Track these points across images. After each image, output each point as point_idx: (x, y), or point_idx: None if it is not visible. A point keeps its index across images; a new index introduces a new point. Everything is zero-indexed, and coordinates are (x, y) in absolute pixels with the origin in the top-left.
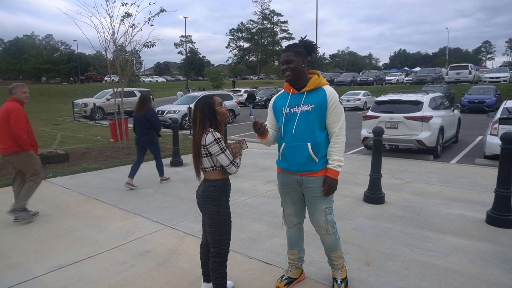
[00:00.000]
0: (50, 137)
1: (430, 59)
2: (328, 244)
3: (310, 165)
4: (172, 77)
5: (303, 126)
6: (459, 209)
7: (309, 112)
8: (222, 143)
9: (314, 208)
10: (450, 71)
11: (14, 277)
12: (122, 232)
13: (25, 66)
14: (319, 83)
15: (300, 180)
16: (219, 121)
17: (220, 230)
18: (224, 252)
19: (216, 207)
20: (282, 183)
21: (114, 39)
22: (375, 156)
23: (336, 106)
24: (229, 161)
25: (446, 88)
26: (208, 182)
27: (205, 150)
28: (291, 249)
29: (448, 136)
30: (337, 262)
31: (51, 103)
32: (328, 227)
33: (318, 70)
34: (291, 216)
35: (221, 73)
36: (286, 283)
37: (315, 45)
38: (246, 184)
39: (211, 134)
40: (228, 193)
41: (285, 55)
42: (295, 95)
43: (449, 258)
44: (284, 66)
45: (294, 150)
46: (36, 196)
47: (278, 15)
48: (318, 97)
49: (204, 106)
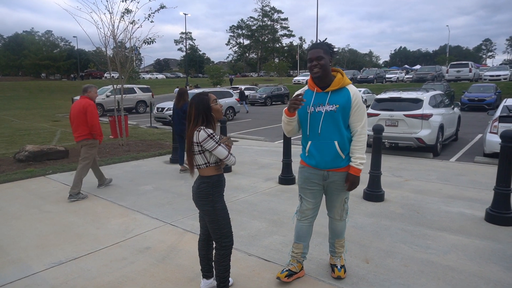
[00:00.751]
0: (50, 133)
1: (431, 57)
2: (337, 229)
3: (338, 161)
4: (172, 74)
5: (329, 125)
6: (458, 207)
7: (333, 112)
8: (216, 137)
9: (335, 198)
10: (450, 69)
11: (14, 273)
12: (121, 228)
13: (24, 62)
14: (343, 83)
15: (326, 175)
16: (213, 117)
17: (219, 225)
18: (228, 244)
19: (211, 203)
20: (305, 177)
21: (114, 36)
22: (374, 154)
23: (360, 106)
24: (227, 152)
25: (446, 86)
26: (202, 179)
27: (198, 147)
28: (297, 243)
29: (448, 134)
30: (339, 250)
31: (50, 100)
32: (343, 214)
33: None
34: (308, 210)
35: (221, 70)
36: (286, 274)
37: (334, 48)
38: (245, 182)
39: (203, 131)
40: (222, 188)
41: (314, 51)
42: (320, 94)
43: (448, 255)
44: (313, 62)
45: (322, 148)
46: (35, 192)
47: (278, 12)
48: (343, 97)
49: (199, 103)
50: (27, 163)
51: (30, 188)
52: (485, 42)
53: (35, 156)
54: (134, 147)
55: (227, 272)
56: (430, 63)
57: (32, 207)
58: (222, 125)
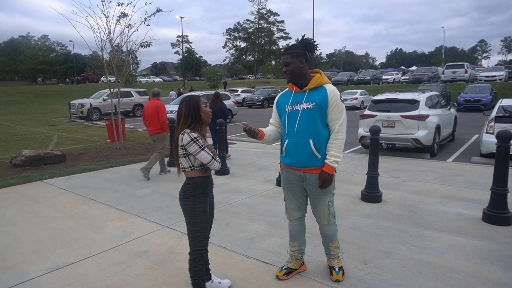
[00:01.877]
0: (46, 138)
1: (426, 58)
2: (328, 234)
3: (313, 161)
4: (169, 77)
5: (305, 123)
6: (456, 207)
7: (310, 109)
8: (200, 142)
9: (318, 203)
10: (446, 70)
11: (11, 279)
12: (119, 232)
13: (20, 67)
14: (320, 82)
15: (302, 176)
16: (202, 119)
17: (195, 227)
18: (200, 249)
19: (191, 203)
20: (285, 178)
21: (110, 39)
22: (372, 155)
23: (337, 104)
24: (210, 157)
25: (442, 87)
26: (186, 180)
27: (182, 151)
28: (292, 241)
29: (444, 134)
30: (334, 252)
31: (47, 104)
32: (330, 218)
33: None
34: (293, 210)
35: (218, 73)
36: (285, 272)
37: (314, 43)
38: (243, 184)
39: (187, 135)
40: (205, 190)
41: (282, 58)
42: (298, 93)
43: (445, 256)
44: (284, 68)
45: (297, 146)
46: (32, 197)
47: (274, 15)
48: (319, 95)
49: (189, 102)
50: (23, 168)
51: (27, 193)
52: (480, 43)
53: (31, 161)
54: (132, 151)
55: (201, 278)
56: (426, 64)
57: (29, 212)
58: (220, 128)
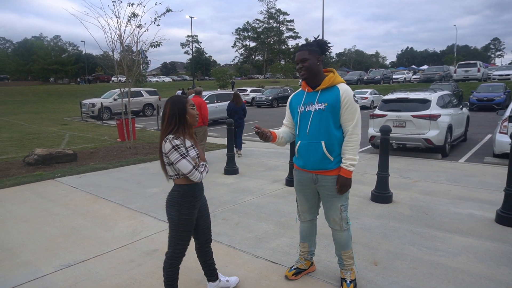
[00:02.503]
0: (58, 137)
1: (438, 57)
2: (341, 241)
3: (325, 163)
4: (179, 77)
5: (317, 125)
6: (468, 208)
7: (322, 110)
8: (182, 149)
9: (330, 206)
10: (458, 69)
11: (24, 275)
12: (129, 231)
13: (33, 67)
14: (333, 81)
15: (315, 178)
16: (187, 121)
17: (177, 235)
18: (178, 256)
19: (177, 212)
20: (297, 180)
21: (121, 40)
22: (382, 155)
23: (350, 105)
24: (191, 167)
25: (454, 86)
26: (174, 186)
27: (166, 159)
28: (302, 242)
29: (456, 134)
30: (347, 262)
31: (59, 104)
32: (342, 223)
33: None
34: (305, 212)
35: (227, 72)
36: (294, 272)
37: (328, 44)
38: (252, 184)
39: (168, 142)
40: (193, 199)
41: (299, 54)
42: (310, 94)
43: (457, 257)
44: (299, 65)
45: (309, 148)
46: (44, 195)
47: (284, 14)
48: (332, 95)
49: (174, 103)
50: (36, 167)
51: (39, 191)
52: (493, 41)
53: (44, 160)
54: (142, 150)
55: (172, 281)
56: (438, 63)
57: (41, 210)
58: (229, 127)
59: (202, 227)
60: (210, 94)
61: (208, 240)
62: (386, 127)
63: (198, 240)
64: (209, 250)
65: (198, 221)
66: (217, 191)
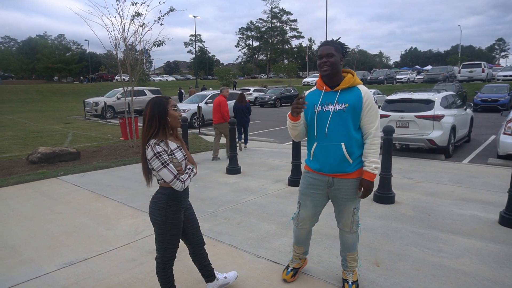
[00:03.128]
0: (61, 135)
1: (442, 57)
2: (348, 242)
3: (344, 166)
4: (182, 76)
5: (337, 126)
6: (471, 210)
7: (342, 111)
8: (164, 157)
9: (343, 209)
10: (462, 69)
11: (26, 273)
12: (131, 230)
13: (37, 65)
14: (354, 82)
15: (331, 181)
16: (169, 123)
17: (165, 238)
18: (169, 259)
19: (162, 217)
20: (308, 183)
21: (124, 39)
22: (385, 156)
23: (372, 107)
24: (173, 176)
25: (458, 87)
26: (159, 188)
27: (150, 165)
28: (297, 246)
29: (460, 135)
30: (351, 264)
31: (63, 102)
32: (353, 225)
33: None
34: (306, 220)
35: (230, 72)
36: (292, 274)
37: (347, 48)
38: (255, 183)
39: (150, 149)
40: (179, 202)
41: (325, 48)
42: (328, 93)
43: (460, 259)
44: (323, 60)
45: (327, 150)
46: (47, 193)
47: (287, 14)
48: (353, 96)
49: (155, 104)
50: (39, 165)
51: (42, 189)
52: (498, 42)
53: (47, 158)
54: None
55: (168, 284)
56: (442, 63)
57: (44, 208)
58: (232, 127)
59: (191, 231)
60: (212, 94)
61: (200, 243)
62: (389, 128)
63: (190, 245)
64: (203, 253)
65: (186, 226)
66: (219, 191)
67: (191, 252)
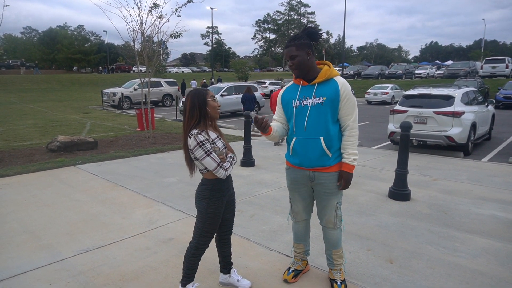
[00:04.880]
0: (80, 125)
1: (464, 52)
2: (332, 239)
3: (323, 160)
4: (198, 68)
5: (315, 120)
6: (490, 209)
7: (320, 105)
8: (206, 146)
9: (326, 204)
10: (485, 64)
11: (45, 258)
12: (146, 219)
13: (58, 56)
14: (330, 74)
15: (312, 175)
16: (209, 113)
17: (204, 227)
18: (202, 247)
19: (205, 206)
20: (292, 178)
21: (142, 30)
22: (402, 152)
23: (349, 98)
24: (216, 164)
25: (480, 83)
26: (202, 180)
27: (192, 155)
28: (297, 243)
29: (480, 132)
30: (337, 262)
31: (81, 92)
32: (336, 221)
33: (345, 63)
34: (300, 212)
35: (246, 64)
36: (293, 275)
37: (319, 31)
38: (268, 176)
39: (193, 138)
40: (221, 193)
41: (287, 51)
42: (305, 87)
43: (477, 259)
44: (289, 62)
45: (306, 144)
46: (65, 181)
47: (305, 6)
48: (330, 89)
49: (194, 95)
50: (58, 153)
51: (61, 177)
52: None
53: (66, 147)
54: (160, 140)
55: (193, 270)
56: (464, 58)
57: (63, 195)
58: (247, 120)
59: (225, 219)
60: (228, 86)
61: (228, 232)
62: (406, 123)
63: (220, 231)
64: (227, 242)
65: (224, 213)
66: (233, 183)
67: (218, 239)
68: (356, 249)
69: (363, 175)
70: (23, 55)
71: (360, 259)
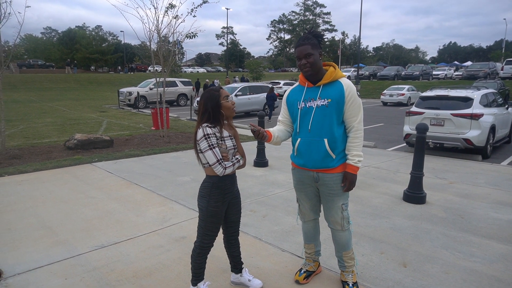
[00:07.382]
0: (96, 123)
1: (484, 52)
2: (341, 241)
3: (327, 161)
4: (213, 68)
5: (320, 121)
6: (509, 214)
7: (325, 106)
8: (212, 139)
9: (331, 205)
10: (506, 65)
11: (62, 253)
12: (159, 217)
13: (76, 55)
14: (336, 76)
15: (316, 176)
16: (223, 115)
17: (206, 225)
18: (206, 246)
19: (205, 204)
20: (297, 179)
21: (158, 30)
22: (417, 154)
23: (354, 100)
24: (216, 159)
25: (500, 84)
26: (205, 177)
27: (198, 146)
28: (307, 244)
29: (500, 135)
30: (348, 264)
31: (98, 91)
32: (343, 223)
33: (361, 63)
34: (308, 212)
35: (261, 65)
36: (305, 276)
37: (322, 34)
38: (281, 177)
39: (201, 129)
40: (221, 191)
41: (302, 49)
42: (311, 89)
43: (494, 265)
44: (302, 61)
45: (310, 146)
46: (82, 178)
47: (320, 7)
48: (335, 90)
49: (208, 99)
50: (75, 151)
51: (77, 174)
52: None
53: (83, 145)
54: (174, 139)
55: (201, 269)
56: (483, 59)
57: (79, 192)
58: (260, 120)
59: (230, 220)
60: (243, 86)
61: (234, 233)
62: (422, 125)
63: (227, 231)
64: (234, 243)
65: (228, 214)
66: (246, 183)
67: (225, 240)
68: (369, 252)
69: (378, 177)
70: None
71: (373, 262)
